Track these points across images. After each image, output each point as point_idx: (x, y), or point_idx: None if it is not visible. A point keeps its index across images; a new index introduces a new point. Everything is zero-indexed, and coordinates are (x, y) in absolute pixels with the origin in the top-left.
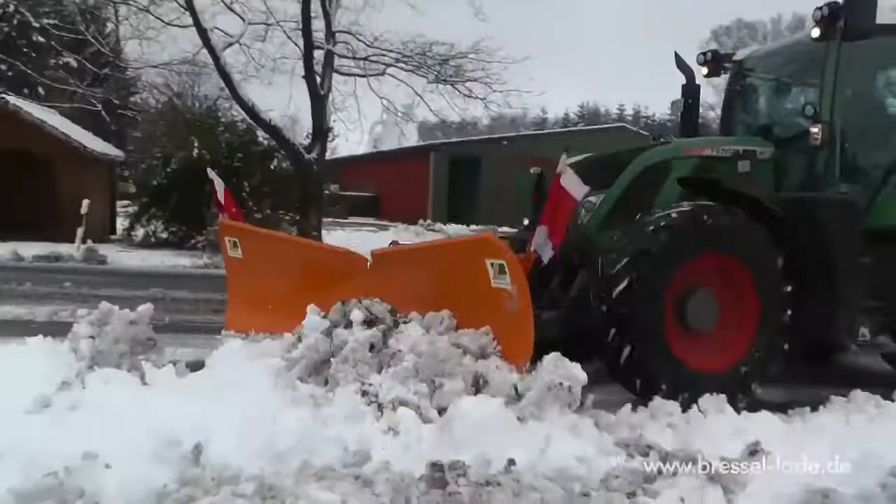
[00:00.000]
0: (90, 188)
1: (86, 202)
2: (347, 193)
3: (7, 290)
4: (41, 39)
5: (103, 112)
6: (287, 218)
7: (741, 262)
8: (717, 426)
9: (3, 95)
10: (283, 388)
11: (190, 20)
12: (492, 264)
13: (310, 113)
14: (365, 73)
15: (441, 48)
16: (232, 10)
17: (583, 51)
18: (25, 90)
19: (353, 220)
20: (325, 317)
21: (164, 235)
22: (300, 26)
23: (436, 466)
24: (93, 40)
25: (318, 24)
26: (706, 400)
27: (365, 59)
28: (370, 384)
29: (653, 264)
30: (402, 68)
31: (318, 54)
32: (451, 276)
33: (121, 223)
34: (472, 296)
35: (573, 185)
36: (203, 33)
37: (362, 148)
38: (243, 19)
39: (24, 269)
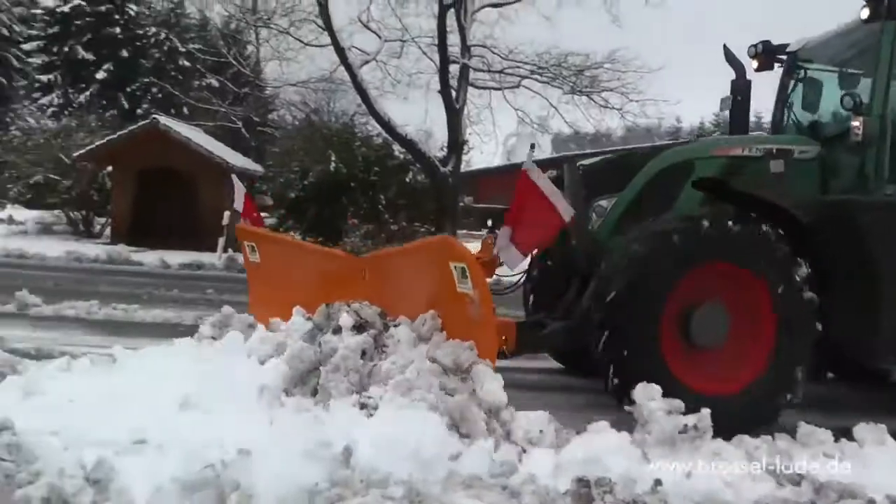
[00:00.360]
0: (231, 201)
1: (227, 214)
2: (482, 205)
3: (157, 296)
4: (187, 63)
5: (243, 129)
6: (423, 230)
7: (754, 273)
8: (877, 458)
9: (154, 116)
10: (269, 401)
11: (328, 40)
12: (455, 267)
13: (444, 126)
14: (500, 85)
15: (576, 59)
16: (368, 28)
17: (719, 57)
18: (172, 110)
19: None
20: (309, 318)
21: None
22: (435, 41)
23: (582, 482)
24: (234, 62)
25: (453, 39)
26: (863, 428)
27: (500, 72)
28: (369, 396)
29: (648, 274)
30: (537, 80)
31: (454, 68)
32: (427, 279)
33: None
34: (444, 300)
35: (543, 182)
36: (341, 52)
37: (496, 160)
38: (379, 37)
39: (171, 277)
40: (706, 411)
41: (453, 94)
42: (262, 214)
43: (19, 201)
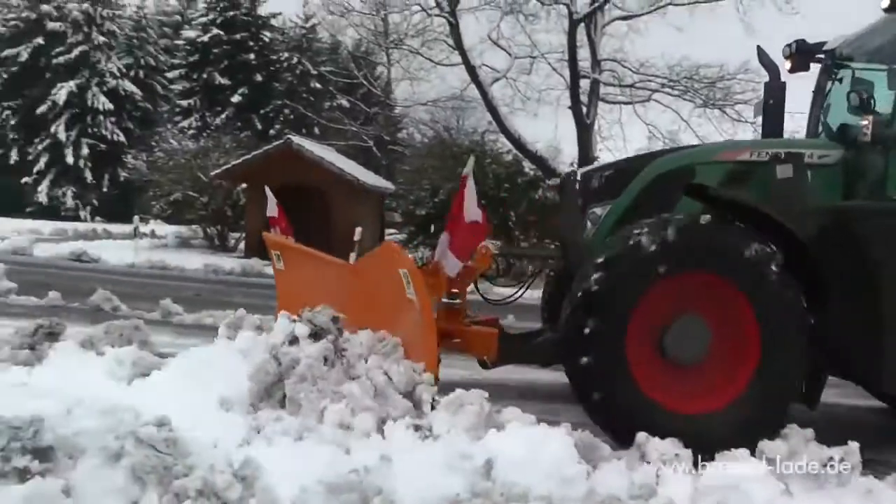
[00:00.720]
0: (362, 217)
1: (358, 230)
2: None
3: None
4: (318, 85)
5: (374, 148)
6: (552, 246)
7: (735, 285)
8: None
9: (288, 136)
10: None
11: (458, 59)
12: (402, 274)
13: (574, 142)
14: (630, 100)
15: (709, 70)
16: (498, 45)
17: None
18: (304, 131)
19: None
20: (294, 321)
21: None
22: (565, 57)
23: None
24: (365, 83)
25: (583, 54)
26: None
27: (631, 86)
28: (421, 421)
29: (610, 285)
30: (668, 93)
31: (584, 84)
32: (387, 285)
33: None
34: (397, 306)
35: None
36: (471, 70)
37: None
38: (509, 54)
39: None
40: (855, 445)
41: (584, 109)
42: (391, 231)
43: (161, 217)
